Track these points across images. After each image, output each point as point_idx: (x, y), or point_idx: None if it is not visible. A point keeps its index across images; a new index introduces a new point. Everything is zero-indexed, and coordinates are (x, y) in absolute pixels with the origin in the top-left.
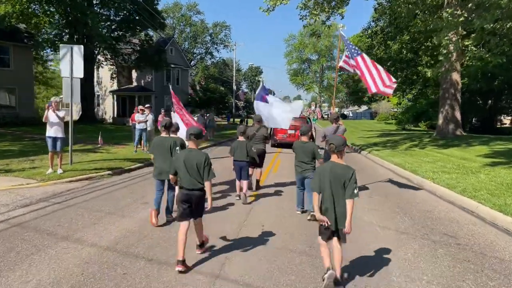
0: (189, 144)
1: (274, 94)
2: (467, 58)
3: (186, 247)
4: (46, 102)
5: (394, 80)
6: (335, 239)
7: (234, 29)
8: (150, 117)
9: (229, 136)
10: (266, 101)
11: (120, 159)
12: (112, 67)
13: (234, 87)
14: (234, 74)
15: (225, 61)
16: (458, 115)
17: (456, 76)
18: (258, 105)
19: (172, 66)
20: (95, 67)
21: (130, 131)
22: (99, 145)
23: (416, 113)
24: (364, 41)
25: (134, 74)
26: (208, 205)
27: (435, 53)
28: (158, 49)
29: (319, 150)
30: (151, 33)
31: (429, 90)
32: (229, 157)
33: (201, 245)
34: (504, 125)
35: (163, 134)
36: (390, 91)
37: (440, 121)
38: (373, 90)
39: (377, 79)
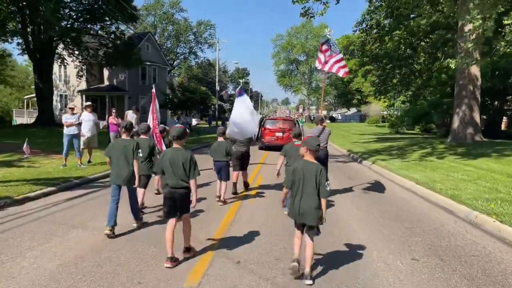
0: (174, 144)
1: (261, 97)
2: (503, 44)
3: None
4: (11, 103)
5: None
6: (305, 235)
7: (219, 29)
8: (91, 119)
9: (207, 141)
10: (242, 95)
11: (30, 180)
12: (79, 64)
13: (217, 87)
14: (217, 73)
15: (210, 62)
16: (477, 117)
17: (475, 70)
18: (235, 105)
19: (148, 63)
20: (57, 63)
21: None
22: (25, 155)
23: (416, 115)
24: (358, 36)
25: (106, 72)
26: (192, 202)
27: (433, 51)
28: (128, 43)
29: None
30: (123, 27)
31: (427, 91)
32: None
33: (188, 250)
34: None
35: (124, 136)
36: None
37: (456, 124)
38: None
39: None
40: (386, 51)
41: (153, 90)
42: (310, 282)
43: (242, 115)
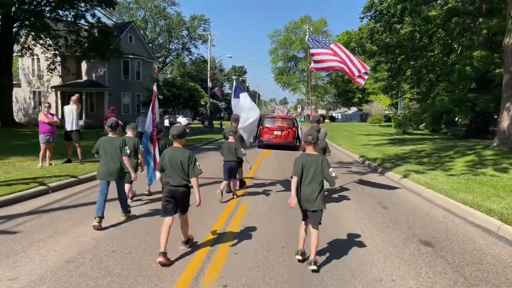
0: (174, 143)
1: (259, 96)
2: None
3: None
4: None
5: (368, 68)
6: (310, 225)
7: (214, 24)
8: None
9: (191, 144)
10: (238, 96)
11: None
12: (50, 56)
13: (209, 84)
14: (208, 67)
15: (205, 58)
16: None
17: None
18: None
19: (131, 56)
20: (27, 55)
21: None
22: None
23: (437, 113)
24: (367, 23)
25: (84, 66)
26: (196, 200)
27: (449, 41)
28: (103, 30)
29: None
30: (107, 20)
31: (441, 87)
32: None
33: (187, 242)
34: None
35: (110, 135)
36: (362, 81)
37: (506, 122)
38: (355, 76)
39: (352, 67)
40: (398, 40)
41: (154, 89)
42: (314, 267)
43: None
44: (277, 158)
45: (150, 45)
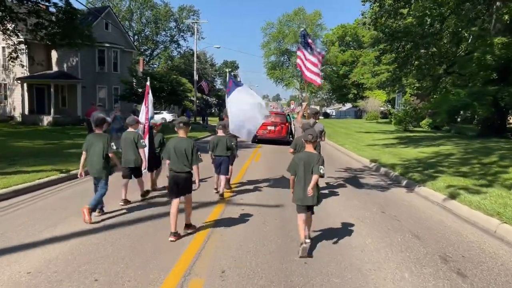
0: (179, 133)
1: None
2: None
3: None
4: None
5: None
6: (309, 212)
7: (204, 16)
8: None
9: None
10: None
11: None
12: (12, 44)
13: (196, 77)
14: (195, 59)
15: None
16: None
17: None
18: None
19: (107, 45)
20: None
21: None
22: None
23: (455, 108)
24: (372, 7)
25: (54, 56)
26: (196, 185)
27: (459, 29)
28: (66, 11)
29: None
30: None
31: (450, 79)
32: None
33: (189, 226)
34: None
35: (97, 131)
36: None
37: None
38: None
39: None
40: (406, 25)
41: (147, 83)
42: (308, 241)
43: (245, 112)
44: (268, 160)
45: (136, 37)
